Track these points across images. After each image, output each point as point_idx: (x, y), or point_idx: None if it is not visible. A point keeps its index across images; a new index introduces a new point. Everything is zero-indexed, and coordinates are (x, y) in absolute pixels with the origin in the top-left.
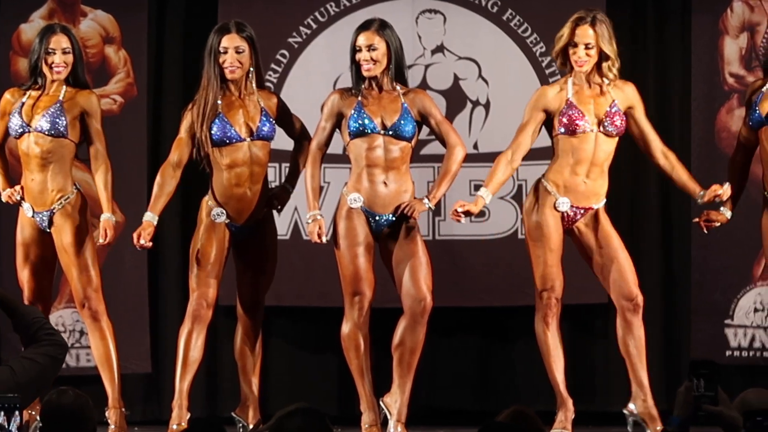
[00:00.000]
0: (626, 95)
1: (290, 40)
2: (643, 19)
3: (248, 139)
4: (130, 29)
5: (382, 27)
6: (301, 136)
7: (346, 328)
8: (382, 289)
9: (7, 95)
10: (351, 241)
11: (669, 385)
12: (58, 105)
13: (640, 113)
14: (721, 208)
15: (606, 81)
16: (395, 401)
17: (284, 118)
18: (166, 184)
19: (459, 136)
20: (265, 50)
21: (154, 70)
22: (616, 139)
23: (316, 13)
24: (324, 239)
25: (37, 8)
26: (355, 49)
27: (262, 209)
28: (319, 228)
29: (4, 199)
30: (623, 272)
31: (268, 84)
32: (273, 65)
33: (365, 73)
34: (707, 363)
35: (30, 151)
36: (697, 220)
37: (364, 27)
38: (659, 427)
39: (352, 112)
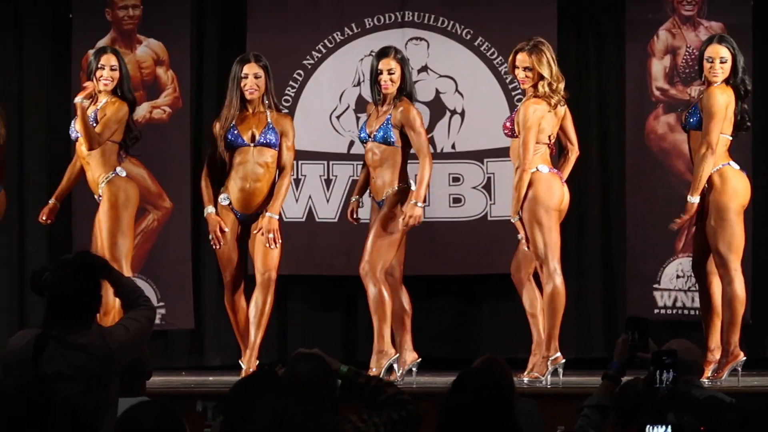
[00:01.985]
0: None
1: (304, 61)
2: (586, 45)
3: (252, 145)
4: (176, 53)
5: (397, 53)
6: (283, 165)
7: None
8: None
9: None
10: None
11: (608, 338)
12: (94, 113)
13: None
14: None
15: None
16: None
17: (283, 139)
18: (210, 181)
19: (428, 148)
20: (284, 69)
21: (195, 87)
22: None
23: (325, 41)
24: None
25: (102, 36)
26: (376, 72)
27: (264, 202)
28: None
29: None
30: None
31: (286, 96)
32: (291, 82)
33: (384, 91)
34: (640, 319)
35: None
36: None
37: (384, 54)
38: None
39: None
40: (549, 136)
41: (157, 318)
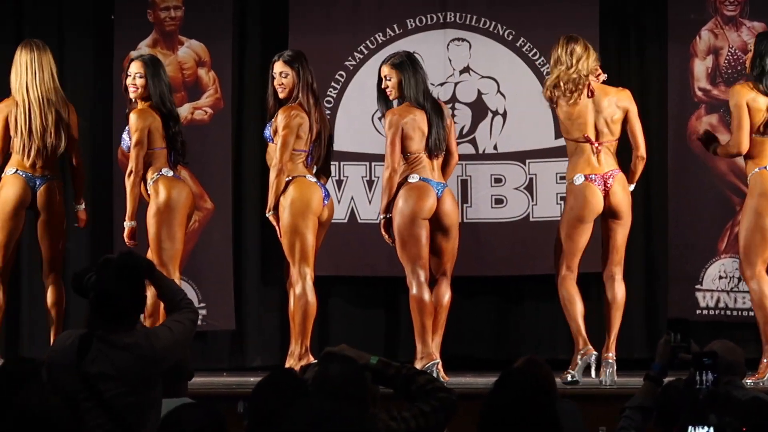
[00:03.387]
0: None
1: (346, 63)
2: (628, 45)
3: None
4: (217, 54)
5: (395, 59)
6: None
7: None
8: None
9: None
10: None
11: (650, 338)
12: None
13: None
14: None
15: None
16: None
17: (275, 134)
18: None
19: (388, 155)
20: (326, 70)
21: (237, 87)
22: None
23: (367, 42)
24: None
25: (144, 37)
26: (379, 79)
27: (278, 195)
28: None
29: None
30: None
31: (328, 98)
32: (333, 83)
33: (390, 98)
34: (681, 321)
35: None
36: None
37: (384, 61)
38: None
39: None
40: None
41: (199, 319)
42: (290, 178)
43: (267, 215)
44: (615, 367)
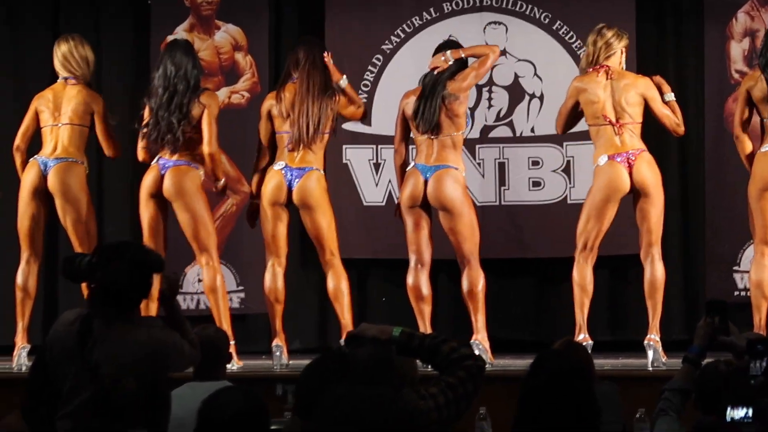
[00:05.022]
0: None
1: (383, 47)
2: (664, 28)
3: None
4: (254, 38)
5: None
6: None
7: None
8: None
9: None
10: None
11: (688, 320)
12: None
13: None
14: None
15: None
16: None
17: None
18: None
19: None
20: (363, 54)
21: (274, 71)
22: None
23: (404, 26)
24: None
25: (181, 22)
26: None
27: None
28: None
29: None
30: None
31: (365, 81)
32: (370, 67)
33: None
34: (720, 302)
35: None
36: None
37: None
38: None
39: None
40: None
41: (237, 302)
42: None
43: None
44: (659, 349)
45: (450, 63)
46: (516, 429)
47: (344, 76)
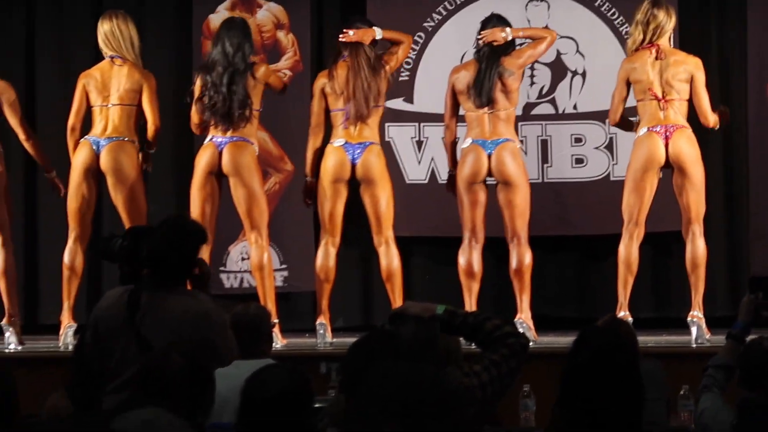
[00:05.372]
0: None
1: (425, 24)
2: (707, 13)
3: None
4: (296, 17)
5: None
6: None
7: None
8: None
9: None
10: None
11: (732, 297)
12: None
13: None
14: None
15: None
16: None
17: None
18: None
19: None
20: (405, 31)
21: (315, 50)
22: None
23: (446, 2)
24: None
25: (223, 1)
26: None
27: None
28: None
29: None
30: None
31: (407, 59)
32: (412, 45)
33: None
34: (764, 279)
35: None
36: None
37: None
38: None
39: None
40: None
41: (280, 280)
42: None
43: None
44: (702, 326)
45: (508, 40)
46: (559, 406)
47: (376, 30)
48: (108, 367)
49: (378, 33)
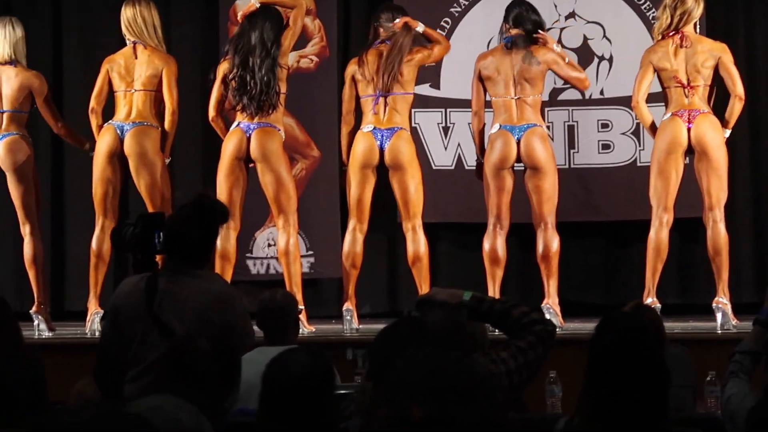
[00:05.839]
0: None
1: (452, 9)
2: (734, 1)
3: None
4: (323, 3)
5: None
6: None
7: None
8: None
9: None
10: None
11: (759, 283)
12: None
13: None
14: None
15: None
16: None
17: None
18: None
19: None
20: (432, 17)
21: (342, 36)
22: None
23: None
24: None
25: None
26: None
27: None
28: None
29: None
30: None
31: None
32: (438, 30)
33: None
34: None
35: None
36: None
37: None
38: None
39: None
40: None
41: (307, 266)
42: None
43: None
44: (728, 312)
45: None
46: (586, 391)
47: (419, 23)
48: (127, 356)
49: (420, 27)
